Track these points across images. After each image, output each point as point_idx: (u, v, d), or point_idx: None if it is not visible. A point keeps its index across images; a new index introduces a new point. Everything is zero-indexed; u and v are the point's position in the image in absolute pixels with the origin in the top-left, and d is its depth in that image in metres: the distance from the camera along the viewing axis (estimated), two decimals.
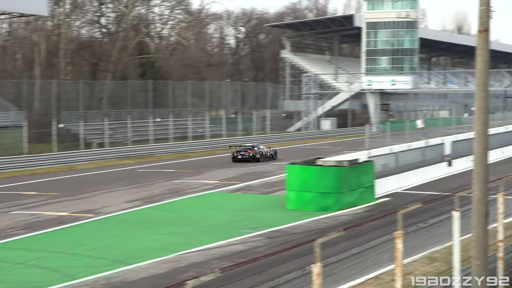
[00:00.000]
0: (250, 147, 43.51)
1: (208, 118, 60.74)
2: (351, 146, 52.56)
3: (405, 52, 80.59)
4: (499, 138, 41.80)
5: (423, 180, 31.06)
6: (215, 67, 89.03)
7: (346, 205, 24.15)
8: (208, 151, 54.29)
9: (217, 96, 73.25)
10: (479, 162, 10.85)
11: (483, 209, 10.79)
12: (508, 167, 35.44)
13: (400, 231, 9.85)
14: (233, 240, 18.95)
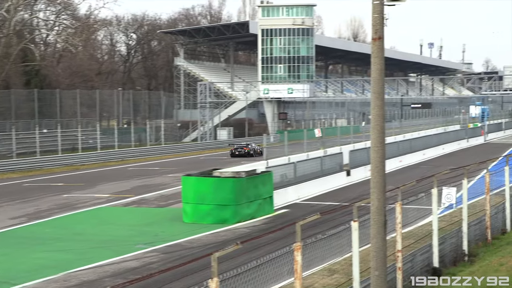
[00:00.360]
0: (245, 145, 54.61)
1: (99, 129, 59.53)
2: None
3: (301, 60, 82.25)
4: (396, 146, 43.34)
5: (322, 190, 31.69)
6: (105, 75, 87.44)
7: (244, 217, 24.25)
8: (100, 163, 53.20)
9: (108, 106, 71.94)
10: (376, 172, 11.15)
11: (382, 219, 11.09)
12: (405, 176, 36.81)
13: (299, 243, 9.96)
14: (127, 256, 18.62)
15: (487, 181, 18.32)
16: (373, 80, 11.12)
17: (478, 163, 18.95)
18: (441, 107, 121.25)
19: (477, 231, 17.95)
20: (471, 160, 39.06)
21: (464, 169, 16.96)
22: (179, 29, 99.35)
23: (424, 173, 35.96)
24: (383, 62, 11.11)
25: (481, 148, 57.07)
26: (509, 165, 20.06)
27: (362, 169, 36.63)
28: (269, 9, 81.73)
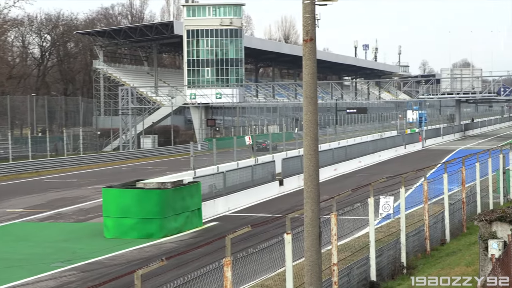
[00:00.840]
0: (263, 141, 64.16)
1: (11, 138, 58.10)
2: (174, 166, 52.69)
3: (230, 63, 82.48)
4: (331, 154, 43.91)
5: (254, 201, 31.79)
6: (17, 80, 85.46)
7: (171, 231, 24.11)
8: (12, 175, 51.90)
9: (21, 113, 70.31)
10: (310, 181, 11.25)
11: (316, 230, 11.20)
12: (341, 185, 37.34)
13: (229, 258, 9.96)
14: (43, 276, 18.26)
15: (425, 190, 18.76)
16: (306, 83, 11.23)
17: (416, 171, 19.38)
18: (377, 112, 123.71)
19: (415, 242, 18.34)
20: (408, 168, 39.93)
21: (402, 177, 17.32)
22: (97, 30, 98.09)
23: (360, 182, 36.53)
24: (315, 65, 11.24)
25: (419, 155, 58.46)
26: (447, 172, 20.61)
27: (295, 178, 36.94)
28: (194, 8, 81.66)
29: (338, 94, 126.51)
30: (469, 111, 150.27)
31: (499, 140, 74.86)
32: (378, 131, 77.71)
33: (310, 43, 11.14)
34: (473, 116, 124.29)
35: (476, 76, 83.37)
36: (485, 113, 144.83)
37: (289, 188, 35.99)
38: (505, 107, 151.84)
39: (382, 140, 58.33)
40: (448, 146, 68.74)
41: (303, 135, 11.43)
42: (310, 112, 11.22)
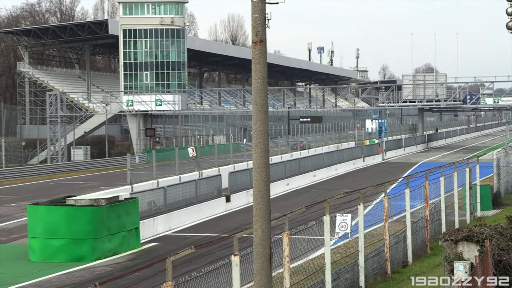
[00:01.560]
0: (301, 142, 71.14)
1: None
2: (109, 180, 52.23)
3: (171, 66, 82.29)
4: (283, 167, 44.11)
5: (198, 219, 31.71)
6: None
7: (105, 253, 23.87)
8: None
9: None
10: (260, 197, 11.28)
11: (267, 251, 11.22)
12: (294, 201, 37.48)
13: (170, 283, 9.92)
14: None
15: (386, 207, 18.97)
16: (255, 90, 11.27)
17: (375, 186, 19.59)
18: (334, 121, 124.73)
19: (375, 264, 18.51)
20: (368, 182, 40.30)
21: (360, 193, 17.49)
22: (22, 29, 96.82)
23: (315, 198, 36.74)
24: (266, 69, 11.30)
25: (379, 168, 59.12)
26: (410, 187, 20.88)
27: (244, 193, 36.97)
28: (132, 5, 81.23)
29: (291, 101, 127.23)
30: (432, 121, 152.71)
31: (465, 152, 76.21)
32: (334, 142, 78.36)
33: (260, 45, 11.19)
34: (437, 126, 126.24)
35: (440, 83, 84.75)
36: (450, 122, 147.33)
37: (237, 204, 35.99)
38: (472, 116, 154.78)
39: (338, 152, 58.84)
40: (410, 158, 69.70)
41: (252, 146, 11.46)
42: (260, 121, 11.26)
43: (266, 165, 11.32)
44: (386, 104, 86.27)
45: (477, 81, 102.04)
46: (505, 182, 33.77)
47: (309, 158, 50.97)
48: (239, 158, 51.70)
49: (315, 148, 69.58)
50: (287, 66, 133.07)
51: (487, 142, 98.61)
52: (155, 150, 55.27)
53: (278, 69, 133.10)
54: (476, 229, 14.92)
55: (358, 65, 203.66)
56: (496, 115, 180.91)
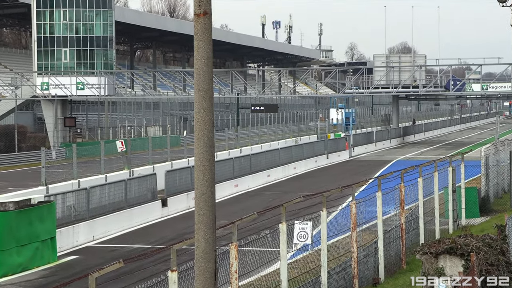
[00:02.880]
0: None
1: None
2: (19, 180, 51.68)
3: (96, 42, 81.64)
4: (230, 165, 44.10)
5: (128, 227, 31.56)
6: None
7: (13, 269, 23.63)
8: None
9: None
10: (203, 201, 11.26)
11: (211, 266, 11.21)
12: (244, 206, 37.54)
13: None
14: None
15: (354, 213, 19.07)
16: (198, 72, 11.24)
17: (341, 188, 19.70)
18: (292, 110, 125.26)
19: (340, 281, 18.60)
20: (332, 184, 40.48)
21: (323, 196, 17.57)
22: None
23: (269, 202, 36.81)
24: (211, 47, 11.27)
25: (346, 167, 59.51)
26: (382, 190, 21.03)
27: (184, 196, 36.91)
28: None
29: (241, 86, 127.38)
30: (409, 111, 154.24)
31: (448, 148, 77.12)
32: (293, 136, 78.64)
33: (204, 18, 11.16)
34: (415, 117, 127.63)
35: (419, 65, 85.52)
36: (430, 113, 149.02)
37: (175, 209, 35.91)
38: (456, 105, 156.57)
39: (297, 147, 59.05)
40: (383, 155, 70.26)
41: (194, 139, 11.43)
42: (204, 110, 11.24)
43: (210, 162, 11.30)
44: (354, 91, 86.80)
45: (462, 64, 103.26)
46: (495, 185, 34.21)
47: (262, 154, 51.02)
48: (178, 154, 51.58)
49: (269, 142, 69.76)
50: (236, 43, 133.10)
51: (473, 137, 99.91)
52: (76, 143, 54.83)
53: (226, 48, 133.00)
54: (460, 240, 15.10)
55: (321, 44, 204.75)
56: (484, 105, 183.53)
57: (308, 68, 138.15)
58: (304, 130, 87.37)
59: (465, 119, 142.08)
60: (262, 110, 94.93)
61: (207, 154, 11.30)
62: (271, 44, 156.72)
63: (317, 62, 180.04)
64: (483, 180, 33.20)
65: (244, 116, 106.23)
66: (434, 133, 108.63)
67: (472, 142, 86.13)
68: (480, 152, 36.44)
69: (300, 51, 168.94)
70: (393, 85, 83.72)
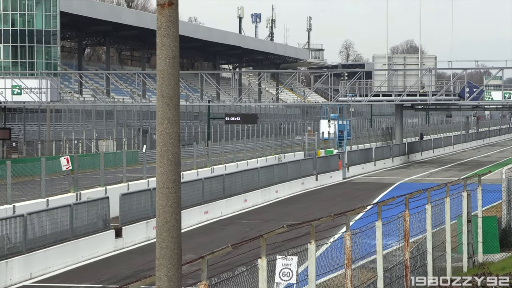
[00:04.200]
0: None
1: None
2: None
3: (37, 37, 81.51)
4: (199, 188, 44.02)
5: (74, 262, 31.42)
6: None
7: None
8: None
9: None
10: (166, 230, 11.25)
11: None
12: (215, 237, 37.53)
13: None
14: None
15: (348, 246, 19.08)
16: (161, 74, 11.26)
17: (333, 216, 19.70)
18: (274, 121, 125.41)
19: None
20: (322, 211, 40.53)
21: (311, 226, 17.57)
22: None
23: (246, 233, 36.82)
24: (177, 45, 11.29)
25: (339, 191, 59.56)
26: (383, 219, 21.04)
27: (142, 225, 36.83)
28: None
29: (213, 92, 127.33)
30: (416, 123, 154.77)
31: (462, 169, 77.40)
32: (275, 153, 78.65)
33: (169, 10, 11.19)
34: (423, 131, 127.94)
35: (428, 69, 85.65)
36: (441, 126, 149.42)
37: (132, 241, 35.82)
38: (472, 117, 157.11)
39: (281, 166, 59.03)
40: (384, 177, 70.43)
41: (156, 156, 11.43)
42: (168, 120, 11.25)
43: (176, 184, 11.31)
44: (349, 98, 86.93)
45: (480, 67, 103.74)
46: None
47: (238, 175, 50.95)
48: (136, 174, 51.47)
49: (246, 160, 69.75)
50: (207, 40, 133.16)
51: (493, 155, 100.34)
52: (11, 160, 54.67)
53: (195, 45, 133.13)
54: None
55: (310, 42, 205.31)
56: (506, 116, 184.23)
57: (294, 71, 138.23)
58: (288, 146, 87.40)
59: (483, 133, 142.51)
60: (238, 121, 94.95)
61: (171, 174, 11.30)
62: (249, 41, 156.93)
63: (305, 63, 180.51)
64: (504, 207, 33.22)
65: (217, 128, 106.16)
66: (446, 151, 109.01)
67: (492, 162, 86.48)
68: (501, 174, 36.43)
69: (284, 50, 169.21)
70: (396, 92, 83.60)
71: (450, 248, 25.85)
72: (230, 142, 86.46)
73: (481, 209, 29.88)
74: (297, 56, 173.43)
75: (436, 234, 25.36)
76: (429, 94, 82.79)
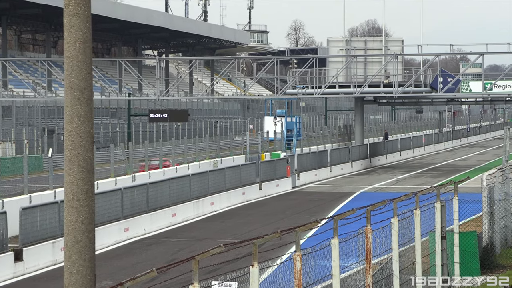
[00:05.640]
0: None
1: None
2: None
3: None
4: (118, 199, 43.90)
5: None
6: None
7: None
8: None
9: None
10: (76, 251, 11.22)
11: None
12: (138, 259, 37.53)
13: None
14: None
15: (298, 269, 19.14)
16: (70, 62, 11.22)
17: (280, 233, 19.74)
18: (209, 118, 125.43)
19: None
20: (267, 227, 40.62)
21: (254, 245, 17.61)
22: None
23: (174, 254, 36.84)
24: (89, 26, 11.26)
25: (287, 202, 59.70)
26: (340, 236, 21.13)
27: (48, 246, 36.68)
28: None
29: (134, 83, 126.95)
30: (380, 120, 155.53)
31: (435, 175, 77.96)
32: (210, 157, 78.66)
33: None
34: (388, 129, 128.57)
35: (393, 55, 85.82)
36: (409, 124, 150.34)
37: (35, 265, 35.66)
38: (446, 113, 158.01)
39: (217, 173, 59.04)
40: (342, 185, 70.75)
41: (64, 162, 11.39)
42: (79, 118, 11.22)
43: (88, 195, 11.28)
44: (299, 91, 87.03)
45: (456, 53, 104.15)
46: (502, 228, 34.48)
47: (165, 183, 50.84)
48: (40, 183, 51.19)
49: (175, 166, 69.67)
50: (127, 21, 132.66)
51: (471, 158, 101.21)
52: None
53: (112, 27, 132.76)
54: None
55: (251, 22, 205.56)
56: (487, 112, 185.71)
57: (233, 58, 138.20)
58: (226, 148, 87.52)
59: (460, 132, 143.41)
60: (165, 118, 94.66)
61: (83, 183, 11.28)
62: (178, 22, 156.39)
63: (246, 48, 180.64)
64: (485, 221, 33.51)
65: (139, 127, 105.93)
66: (415, 153, 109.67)
67: (470, 166, 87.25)
68: (482, 181, 36.61)
69: (221, 32, 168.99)
70: (356, 83, 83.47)
71: (420, 271, 26.02)
72: (156, 144, 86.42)
73: (457, 223, 30.10)
74: (236, 40, 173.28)
75: (404, 254, 25.51)
76: (395, 85, 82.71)
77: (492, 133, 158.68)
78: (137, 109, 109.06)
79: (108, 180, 57.01)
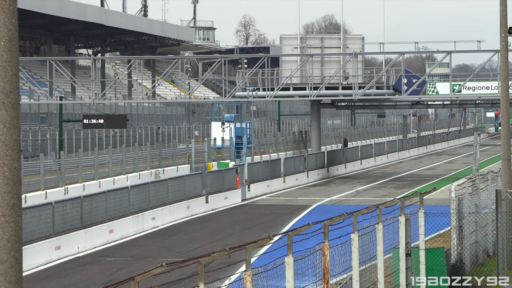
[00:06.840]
0: None
1: None
2: None
3: None
4: (49, 214, 43.68)
5: None
6: None
7: None
8: None
9: None
10: (1, 272, 11.14)
11: None
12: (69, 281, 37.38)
13: None
14: None
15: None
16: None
17: (229, 251, 19.75)
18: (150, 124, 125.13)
19: None
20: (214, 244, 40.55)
21: (200, 264, 17.59)
22: None
23: (111, 274, 36.70)
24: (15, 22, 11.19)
25: (236, 217, 59.69)
26: (294, 253, 21.12)
27: None
28: None
29: (67, 85, 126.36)
30: (338, 126, 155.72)
31: (399, 186, 78.21)
32: (151, 167, 78.51)
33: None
34: (347, 135, 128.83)
35: (353, 53, 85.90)
36: (371, 129, 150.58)
37: None
38: (411, 117, 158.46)
39: (159, 185, 58.91)
40: (296, 197, 70.79)
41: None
42: (4, 125, 11.14)
43: (15, 210, 11.19)
44: (250, 93, 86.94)
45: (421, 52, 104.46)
46: (473, 244, 34.60)
47: (101, 196, 50.65)
48: None
49: (112, 177, 69.49)
50: (58, 16, 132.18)
51: (439, 167, 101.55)
52: None
53: (42, 23, 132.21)
54: None
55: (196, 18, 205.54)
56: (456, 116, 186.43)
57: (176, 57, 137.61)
58: (169, 157, 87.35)
59: (426, 138, 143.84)
60: (101, 124, 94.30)
61: (8, 196, 11.20)
62: (115, 17, 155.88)
63: (191, 47, 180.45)
64: (454, 236, 33.61)
65: (72, 135, 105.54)
66: (377, 162, 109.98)
67: (437, 176, 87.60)
68: (450, 192, 36.71)
69: (162, 29, 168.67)
70: (312, 85, 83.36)
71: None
72: (91, 152, 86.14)
73: (423, 238, 30.17)
74: (180, 37, 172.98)
75: (365, 273, 25.56)
76: (355, 87, 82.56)
77: (461, 139, 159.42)
78: (70, 114, 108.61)
79: (37, 193, 56.76)
